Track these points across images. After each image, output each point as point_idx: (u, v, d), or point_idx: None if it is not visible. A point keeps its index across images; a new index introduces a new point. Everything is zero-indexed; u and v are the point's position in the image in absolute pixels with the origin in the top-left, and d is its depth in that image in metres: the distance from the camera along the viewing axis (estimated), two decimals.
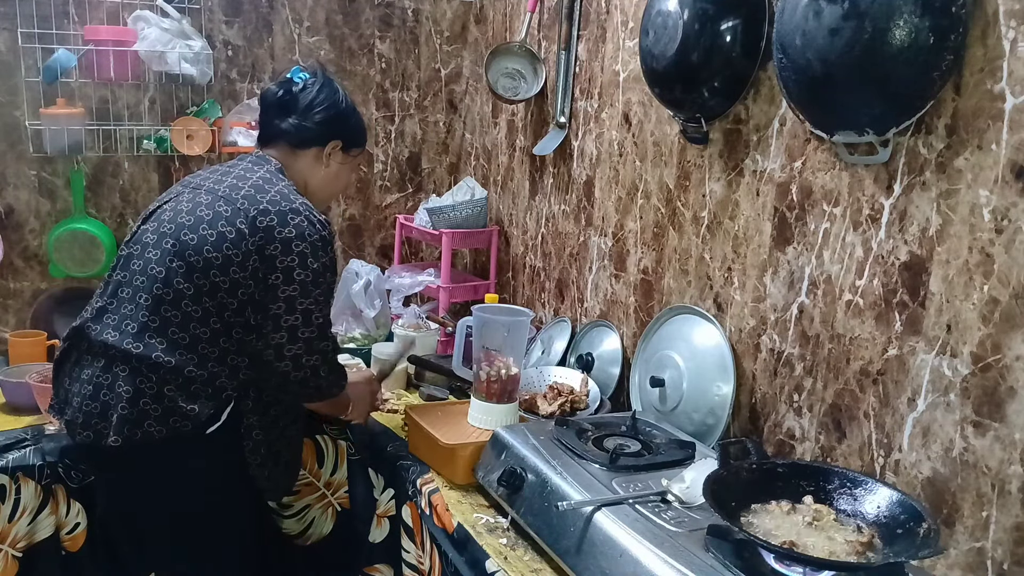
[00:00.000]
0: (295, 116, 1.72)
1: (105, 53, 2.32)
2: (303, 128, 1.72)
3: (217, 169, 1.71)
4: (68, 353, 1.65)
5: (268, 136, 1.76)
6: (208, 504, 1.64)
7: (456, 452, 1.66)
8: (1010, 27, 1.19)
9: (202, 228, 1.56)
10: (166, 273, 1.55)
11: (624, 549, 1.24)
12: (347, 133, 1.79)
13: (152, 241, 1.60)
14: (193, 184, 1.68)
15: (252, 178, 1.64)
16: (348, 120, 1.80)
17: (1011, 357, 1.21)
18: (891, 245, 1.39)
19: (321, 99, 1.73)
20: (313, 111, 1.73)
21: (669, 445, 1.59)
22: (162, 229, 1.60)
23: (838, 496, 1.29)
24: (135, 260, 1.61)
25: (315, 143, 1.74)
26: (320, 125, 1.73)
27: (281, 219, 1.57)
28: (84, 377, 1.58)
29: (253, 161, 1.71)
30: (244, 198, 1.59)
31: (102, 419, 1.54)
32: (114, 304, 1.60)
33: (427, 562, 1.64)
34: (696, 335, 1.80)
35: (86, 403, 1.56)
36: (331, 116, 1.75)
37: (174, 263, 1.55)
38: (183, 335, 1.55)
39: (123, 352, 1.54)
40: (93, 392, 1.56)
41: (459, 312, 2.68)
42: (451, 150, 2.96)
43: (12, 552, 1.79)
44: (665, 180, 1.92)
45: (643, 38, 1.79)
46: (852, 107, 1.37)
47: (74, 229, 2.39)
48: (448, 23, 2.86)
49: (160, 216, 1.63)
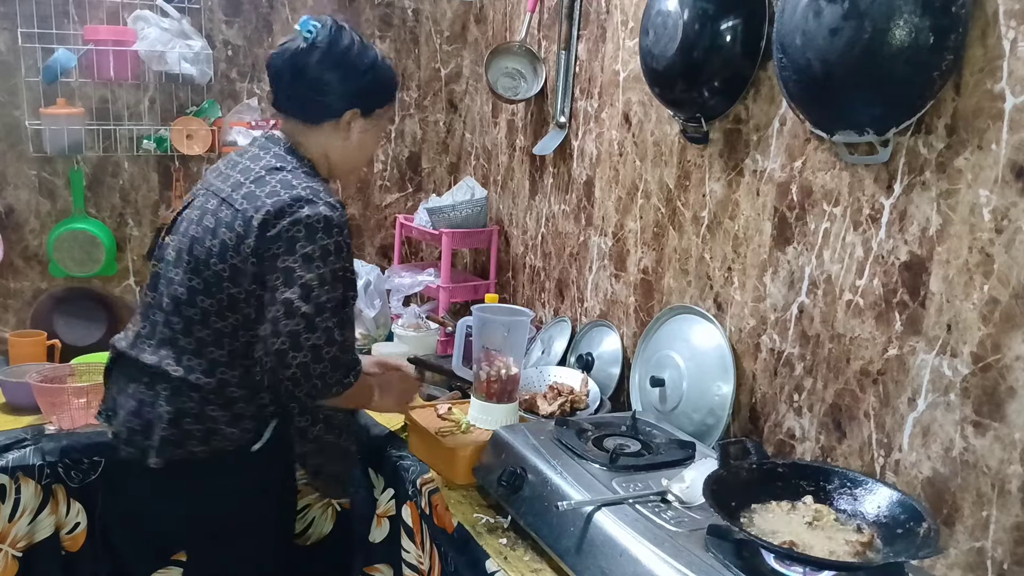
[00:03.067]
0: (303, 87, 1.55)
1: (105, 53, 2.32)
2: (312, 102, 1.56)
3: (229, 160, 1.63)
4: (115, 361, 1.63)
5: (279, 106, 1.62)
6: (241, 521, 1.59)
7: (456, 452, 1.66)
8: (1010, 27, 1.19)
9: (208, 239, 1.50)
10: (188, 293, 1.51)
11: (624, 549, 1.24)
12: (365, 98, 1.59)
13: (172, 258, 1.56)
14: (206, 184, 1.61)
15: (255, 168, 1.54)
16: (364, 81, 1.58)
17: (1011, 357, 1.21)
18: (891, 245, 1.39)
19: (330, 64, 1.54)
20: (322, 81, 1.54)
21: (669, 445, 1.59)
22: (179, 244, 1.56)
23: (838, 496, 1.29)
24: (161, 280, 1.58)
25: (329, 117, 1.58)
26: (331, 96, 1.56)
27: (278, 211, 1.45)
28: (130, 391, 1.55)
29: (261, 145, 1.60)
30: (244, 197, 1.50)
31: (145, 437, 1.51)
32: (147, 328, 1.58)
33: (427, 562, 1.64)
34: (696, 335, 1.80)
35: (129, 418, 1.53)
36: (343, 84, 1.56)
37: (193, 281, 1.51)
38: (220, 352, 1.51)
39: (163, 373, 1.51)
40: (137, 408, 1.53)
41: (459, 312, 2.68)
42: (451, 150, 2.96)
43: (12, 552, 1.79)
44: (665, 180, 1.92)
45: (643, 38, 1.79)
46: (852, 107, 1.37)
47: (74, 229, 2.39)
48: (448, 23, 2.86)
49: (178, 228, 1.59)
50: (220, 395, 1.51)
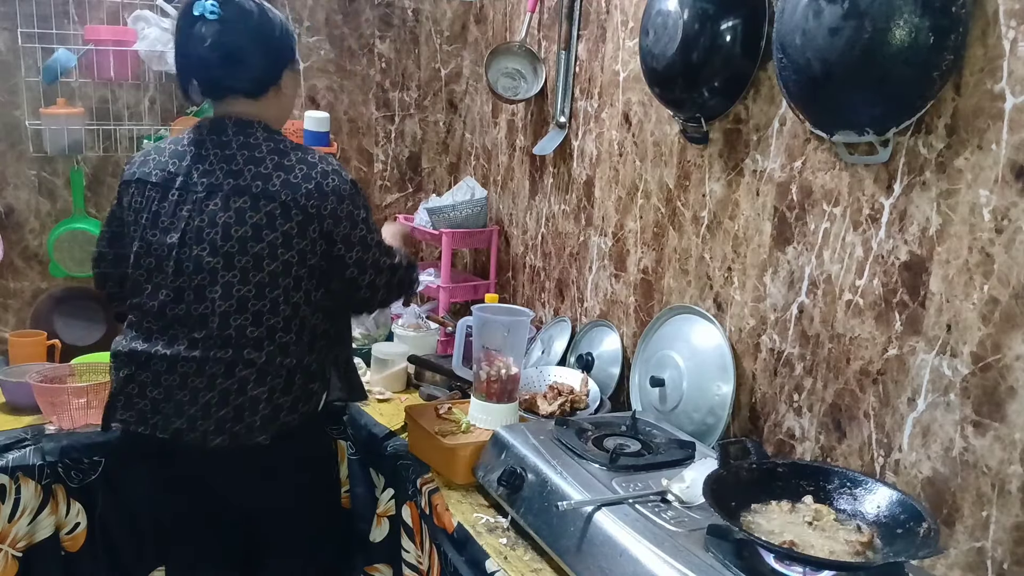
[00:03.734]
0: (241, 69, 1.55)
1: (105, 53, 2.32)
2: (254, 79, 1.57)
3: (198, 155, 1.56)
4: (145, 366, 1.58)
5: (217, 91, 1.59)
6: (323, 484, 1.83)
7: (456, 452, 1.66)
8: (1010, 27, 1.19)
9: (264, 234, 1.51)
10: (256, 289, 1.53)
11: (624, 549, 1.24)
12: (289, 52, 1.63)
13: (212, 265, 1.52)
14: (188, 185, 1.55)
15: (264, 156, 1.54)
16: (285, 37, 1.61)
17: (1011, 357, 1.21)
18: (891, 245, 1.39)
19: (259, 38, 1.55)
20: (259, 57, 1.56)
21: (669, 445, 1.59)
22: (214, 248, 1.51)
23: (838, 496, 1.29)
24: (194, 290, 1.53)
25: (271, 84, 1.60)
26: (271, 66, 1.59)
27: (323, 192, 1.54)
28: (196, 385, 1.54)
29: (237, 131, 1.57)
30: (283, 186, 1.51)
31: (237, 421, 1.54)
32: (201, 332, 1.55)
33: (427, 562, 1.64)
34: (696, 335, 1.80)
35: (205, 411, 1.53)
36: (276, 50, 1.59)
37: (256, 277, 1.52)
38: (288, 335, 1.57)
39: (245, 361, 1.54)
40: (221, 399, 1.53)
41: (459, 312, 2.68)
42: (451, 150, 2.96)
43: (12, 552, 1.79)
44: (665, 180, 1.92)
45: (643, 38, 1.79)
46: (852, 107, 1.37)
47: (74, 229, 2.39)
48: (448, 23, 2.86)
49: (188, 237, 1.53)
50: (299, 367, 1.59)
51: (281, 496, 1.67)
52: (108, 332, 2.48)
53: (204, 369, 1.54)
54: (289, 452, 1.61)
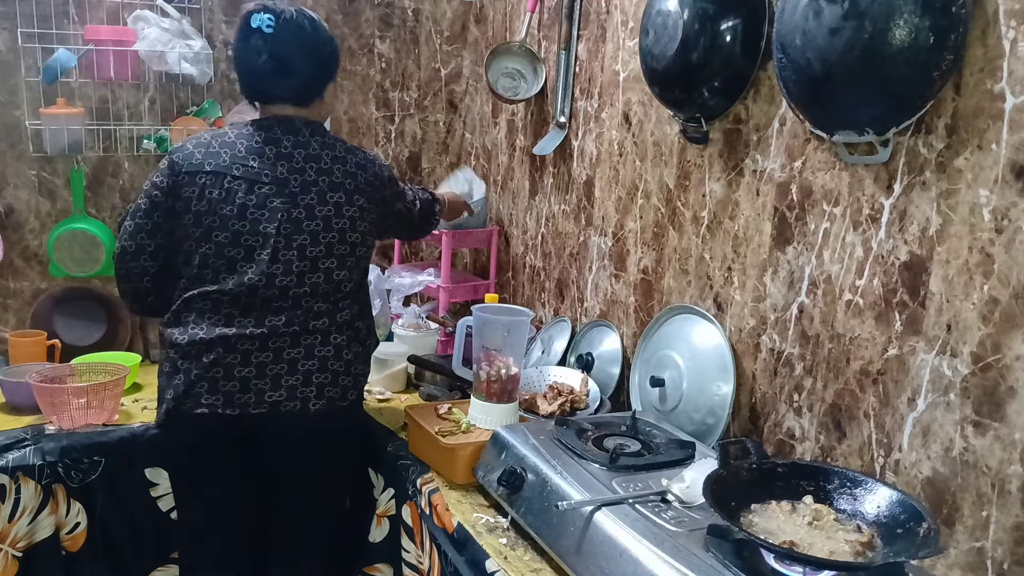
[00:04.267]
0: (293, 81, 1.67)
1: (105, 53, 2.32)
2: (305, 90, 1.69)
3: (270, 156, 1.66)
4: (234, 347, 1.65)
5: (264, 97, 1.71)
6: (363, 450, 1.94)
7: (456, 452, 1.66)
8: (1010, 27, 1.19)
9: (343, 213, 1.69)
10: (338, 262, 1.69)
11: (624, 549, 1.24)
12: (334, 68, 1.75)
13: (312, 254, 1.66)
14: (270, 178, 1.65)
15: (326, 151, 1.69)
16: (334, 54, 1.73)
17: (1011, 357, 1.21)
18: (891, 245, 1.39)
19: (299, 48, 1.64)
20: (311, 72, 1.68)
21: (669, 445, 1.59)
22: (309, 234, 1.66)
23: (838, 496, 1.29)
24: (307, 275, 1.66)
25: (318, 96, 1.72)
26: (313, 79, 1.69)
27: (376, 176, 1.75)
28: (292, 355, 1.66)
29: (294, 131, 1.68)
30: (345, 175, 1.70)
31: (333, 385, 1.68)
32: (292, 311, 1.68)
33: (427, 562, 1.64)
34: (696, 335, 1.80)
35: (315, 376, 1.66)
36: (318, 64, 1.69)
37: (338, 250, 1.69)
38: (357, 300, 1.76)
39: (339, 325, 1.70)
40: (320, 364, 1.67)
41: (459, 312, 2.68)
42: (451, 150, 2.96)
43: (12, 552, 1.79)
44: (665, 180, 1.92)
45: (643, 38, 1.79)
46: (852, 107, 1.37)
47: (74, 229, 2.39)
48: (448, 23, 2.86)
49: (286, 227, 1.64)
50: (367, 327, 1.79)
51: (336, 461, 1.80)
52: (108, 332, 2.48)
53: (301, 340, 1.66)
54: (354, 418, 1.81)
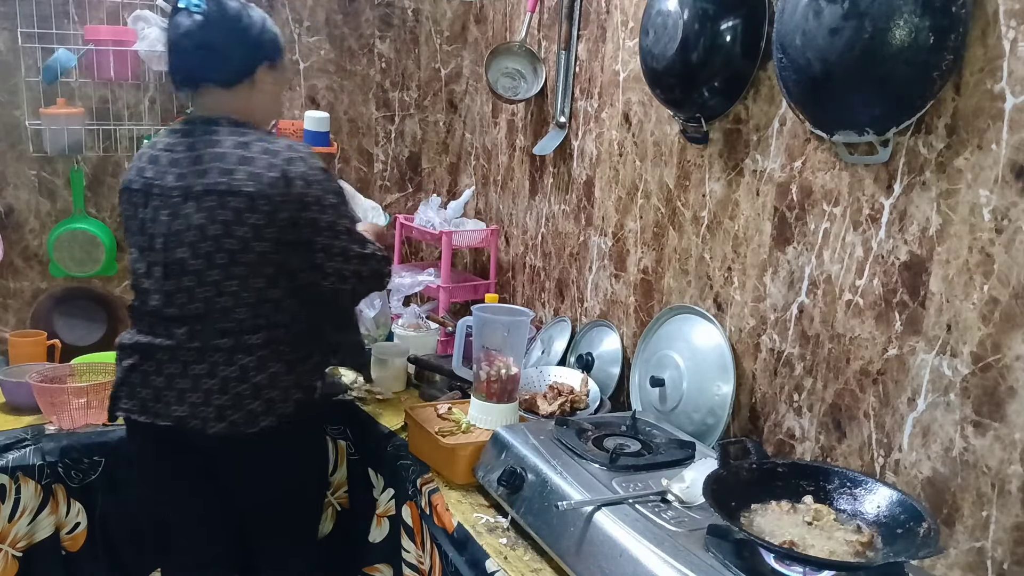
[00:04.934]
0: (214, 56, 1.61)
1: (105, 53, 2.32)
2: (227, 66, 1.62)
3: (171, 159, 1.60)
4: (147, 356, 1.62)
5: (191, 80, 1.65)
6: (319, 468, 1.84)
7: (456, 452, 1.66)
8: (1010, 27, 1.19)
9: (234, 230, 1.54)
10: (239, 284, 1.57)
11: (624, 549, 1.24)
12: (269, 50, 1.67)
13: (195, 268, 1.56)
14: (161, 187, 1.59)
15: (226, 151, 1.57)
16: (264, 35, 1.67)
17: (1011, 357, 1.21)
18: (891, 245, 1.39)
19: (228, 29, 1.61)
20: (232, 46, 1.62)
21: (669, 445, 1.59)
22: (195, 252, 1.56)
23: (838, 496, 1.29)
24: (186, 292, 1.58)
25: (245, 75, 1.64)
26: (244, 57, 1.63)
27: (288, 180, 1.55)
28: (196, 372, 1.58)
29: (202, 130, 1.61)
30: (249, 178, 1.54)
31: (236, 409, 1.57)
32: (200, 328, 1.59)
33: (427, 562, 1.64)
34: (696, 335, 1.80)
35: (206, 398, 1.57)
36: (251, 42, 1.64)
37: (237, 268, 1.56)
38: (281, 315, 1.61)
39: (243, 347, 1.58)
40: (222, 384, 1.57)
41: (459, 312, 2.68)
42: (451, 150, 2.96)
43: (12, 552, 1.79)
44: (665, 180, 1.92)
45: (643, 38, 1.79)
46: (852, 107, 1.37)
47: (74, 229, 2.39)
48: (448, 23, 2.86)
49: (155, 242, 1.59)
50: (295, 347, 1.63)
51: (274, 487, 1.69)
52: (108, 332, 2.48)
53: (205, 357, 1.58)
54: (286, 442, 1.65)
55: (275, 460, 1.67)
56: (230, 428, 1.57)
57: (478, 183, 2.85)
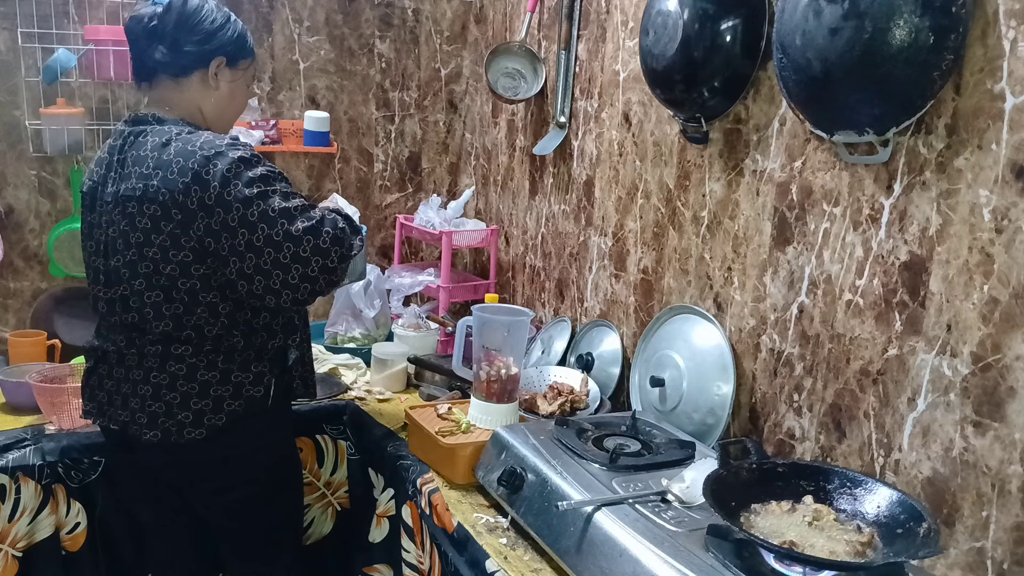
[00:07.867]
0: (166, 43, 1.58)
1: (105, 53, 2.32)
2: (178, 54, 1.59)
3: (105, 164, 1.59)
4: (102, 360, 1.64)
5: (145, 71, 1.62)
6: (280, 475, 1.74)
7: (456, 452, 1.66)
8: (1010, 27, 1.19)
9: (154, 238, 1.50)
10: (166, 289, 1.52)
11: (624, 549, 1.24)
12: (227, 48, 1.63)
13: (127, 276, 1.54)
14: (99, 196, 1.59)
15: (147, 153, 1.52)
16: (223, 32, 1.63)
17: (1011, 357, 1.21)
18: (891, 245, 1.39)
19: (186, 21, 1.59)
20: (185, 33, 1.59)
21: (669, 445, 1.59)
22: (123, 260, 1.54)
23: (838, 496, 1.29)
24: (122, 301, 1.57)
25: (198, 66, 1.61)
26: (196, 46, 1.59)
27: (205, 180, 1.47)
28: (134, 378, 1.57)
29: (132, 132, 1.58)
30: (162, 184, 1.48)
31: (168, 417, 1.55)
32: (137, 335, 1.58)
33: (427, 562, 1.64)
34: (696, 335, 1.80)
35: (148, 403, 1.55)
36: (204, 36, 1.60)
37: (166, 268, 1.51)
38: (218, 320, 1.55)
39: (172, 356, 1.55)
40: (153, 392, 1.55)
41: (459, 312, 2.69)
42: (451, 150, 2.96)
43: (12, 552, 1.79)
44: (665, 180, 1.92)
45: (643, 38, 1.79)
46: (852, 107, 1.37)
47: (74, 229, 2.38)
48: (448, 23, 2.86)
49: (100, 249, 1.58)
50: (230, 356, 1.57)
51: (223, 498, 1.66)
52: None
53: (142, 363, 1.58)
54: (227, 451, 1.60)
55: (219, 470, 1.62)
56: (164, 436, 1.55)
57: (478, 183, 2.85)
